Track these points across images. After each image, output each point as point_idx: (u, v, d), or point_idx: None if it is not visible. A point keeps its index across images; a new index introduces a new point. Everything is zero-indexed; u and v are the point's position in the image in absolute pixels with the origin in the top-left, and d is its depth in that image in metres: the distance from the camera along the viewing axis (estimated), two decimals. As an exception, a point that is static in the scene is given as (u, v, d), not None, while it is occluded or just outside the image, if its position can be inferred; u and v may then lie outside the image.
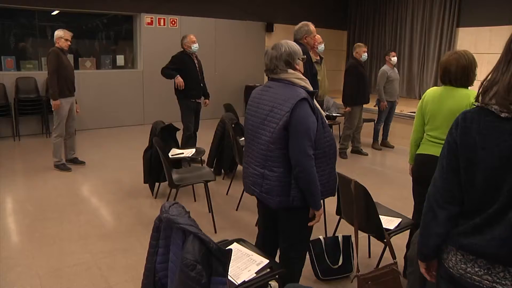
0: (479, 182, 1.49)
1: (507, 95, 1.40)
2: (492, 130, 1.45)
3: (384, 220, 3.04)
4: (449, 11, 10.15)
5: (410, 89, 11.07)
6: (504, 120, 1.43)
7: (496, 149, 1.44)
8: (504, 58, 1.47)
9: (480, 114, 1.49)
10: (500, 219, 1.45)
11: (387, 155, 7.51)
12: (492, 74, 1.49)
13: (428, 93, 3.03)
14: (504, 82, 1.42)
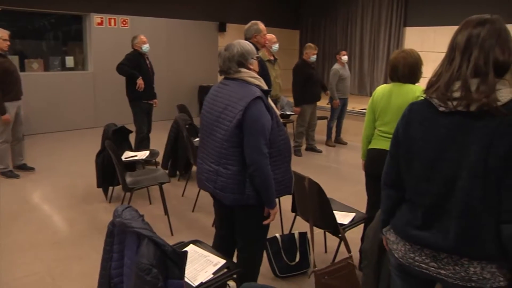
0: (416, 172, 1.60)
1: (446, 91, 1.49)
2: (431, 122, 1.56)
3: (338, 215, 3.10)
4: (396, 11, 10.54)
5: (361, 87, 11.37)
6: (442, 114, 1.52)
7: (433, 140, 1.54)
8: (448, 57, 1.56)
9: (423, 106, 1.60)
10: (440, 211, 1.54)
11: (341, 151, 7.68)
12: (437, 71, 1.58)
13: (378, 90, 3.13)
14: (445, 78, 1.51)
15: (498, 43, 1.47)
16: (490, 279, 1.50)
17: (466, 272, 1.51)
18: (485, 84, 1.43)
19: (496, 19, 1.51)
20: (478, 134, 1.45)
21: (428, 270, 1.60)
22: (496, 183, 1.44)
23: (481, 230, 1.48)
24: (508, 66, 1.49)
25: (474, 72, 1.47)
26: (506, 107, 1.42)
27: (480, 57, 1.46)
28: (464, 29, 1.53)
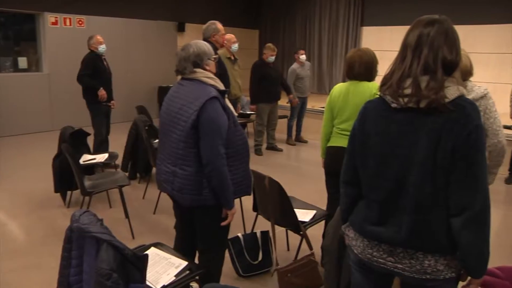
0: (371, 168, 1.66)
1: (398, 88, 1.55)
2: (384, 119, 1.61)
3: (299, 213, 3.15)
4: (353, 11, 10.77)
5: (320, 85, 11.53)
6: (394, 111, 1.58)
7: (386, 137, 1.59)
8: (401, 55, 1.61)
9: (378, 104, 1.65)
10: (394, 207, 1.60)
11: (301, 149, 7.77)
12: (391, 68, 1.63)
13: (335, 89, 3.19)
14: (397, 76, 1.56)
15: (446, 43, 1.53)
16: (443, 270, 1.57)
17: (421, 265, 1.57)
18: (434, 82, 1.49)
19: (444, 19, 1.57)
20: (427, 130, 1.51)
21: (385, 265, 1.65)
22: (444, 178, 1.51)
23: (432, 224, 1.54)
24: (456, 65, 1.56)
25: (424, 69, 1.52)
26: (452, 103, 1.49)
27: (430, 56, 1.52)
28: (415, 28, 1.59)
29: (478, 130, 1.48)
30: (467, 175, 1.48)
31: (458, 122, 1.47)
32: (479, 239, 1.51)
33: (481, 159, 1.49)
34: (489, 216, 1.52)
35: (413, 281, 1.62)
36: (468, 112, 1.49)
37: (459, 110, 1.48)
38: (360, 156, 1.71)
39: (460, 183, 1.49)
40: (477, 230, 1.50)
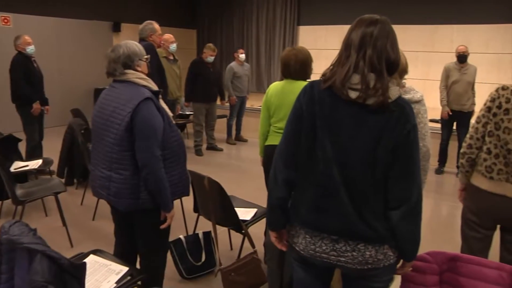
0: (315, 149, 1.65)
1: (342, 87, 1.57)
2: (331, 107, 1.62)
3: (240, 212, 3.17)
4: (290, 11, 10.99)
5: (259, 84, 11.64)
6: (341, 101, 1.60)
7: (331, 124, 1.61)
8: (344, 54, 1.63)
9: (324, 91, 1.64)
10: (334, 195, 1.62)
11: (242, 148, 7.83)
12: (334, 67, 1.64)
13: (272, 87, 3.24)
14: (341, 74, 1.58)
15: (388, 43, 1.58)
16: (383, 259, 1.65)
17: (363, 257, 1.64)
18: (381, 82, 1.54)
19: (385, 20, 1.63)
20: (370, 127, 1.56)
21: (329, 259, 1.69)
22: (382, 173, 1.58)
23: (372, 215, 1.61)
24: (397, 65, 1.62)
25: (370, 69, 1.56)
26: (394, 103, 1.56)
27: (374, 56, 1.56)
28: (357, 28, 1.61)
29: (415, 129, 1.58)
30: (405, 171, 1.58)
31: (399, 121, 1.55)
32: (414, 228, 1.63)
33: (416, 156, 1.60)
34: (422, 207, 1.63)
35: (355, 272, 1.69)
36: (407, 112, 1.57)
37: (399, 110, 1.56)
38: (306, 138, 1.67)
39: (399, 178, 1.58)
40: (413, 220, 1.62)
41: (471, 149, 2.41)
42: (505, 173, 2.31)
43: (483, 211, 2.42)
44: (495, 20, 8.71)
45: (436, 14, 9.19)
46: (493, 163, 2.33)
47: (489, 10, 8.72)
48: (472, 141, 2.40)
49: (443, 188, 6.16)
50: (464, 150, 2.45)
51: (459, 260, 1.95)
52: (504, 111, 2.26)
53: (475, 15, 8.82)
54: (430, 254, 1.96)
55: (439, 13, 9.16)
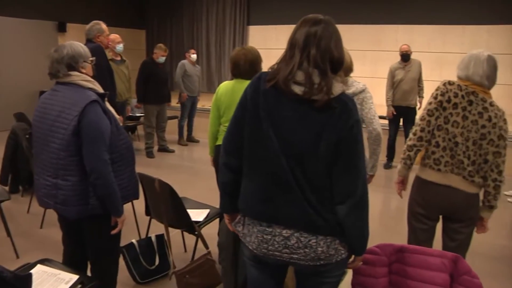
0: (261, 140, 1.66)
1: (285, 86, 1.59)
2: (275, 100, 1.64)
3: (193, 213, 3.14)
4: (240, 11, 10.99)
5: (210, 85, 11.58)
6: (282, 96, 1.62)
7: (274, 116, 1.63)
8: (288, 53, 1.65)
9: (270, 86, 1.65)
10: (281, 186, 1.64)
11: (194, 149, 7.78)
12: (278, 65, 1.66)
13: (221, 87, 3.24)
14: (285, 72, 1.60)
15: (332, 42, 1.61)
16: (335, 254, 1.68)
17: (315, 253, 1.66)
18: (325, 80, 1.57)
19: (329, 19, 1.66)
20: (312, 122, 1.59)
21: (281, 257, 1.71)
22: (328, 167, 1.60)
23: (319, 207, 1.63)
24: (341, 63, 1.65)
25: (314, 67, 1.59)
26: (336, 99, 1.58)
27: (318, 55, 1.59)
28: (302, 27, 1.64)
29: (358, 124, 1.61)
30: (349, 165, 1.61)
31: (341, 117, 1.58)
32: (361, 222, 1.66)
33: (360, 150, 1.63)
34: (368, 200, 1.67)
35: (308, 268, 1.71)
36: (350, 108, 1.60)
37: (342, 106, 1.59)
38: (250, 127, 1.69)
39: (343, 172, 1.61)
40: (359, 214, 1.65)
41: (421, 142, 2.46)
42: (451, 165, 2.42)
43: (430, 203, 2.52)
44: (436, 21, 9.17)
45: (382, 14, 9.51)
46: (441, 156, 2.44)
47: (431, 11, 9.15)
48: (424, 133, 2.44)
49: (391, 183, 6.34)
50: (414, 142, 2.48)
51: (406, 251, 2.03)
52: (453, 105, 2.37)
53: (418, 16, 9.24)
54: (379, 247, 2.03)
55: (384, 14, 9.50)
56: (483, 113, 2.38)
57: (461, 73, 2.47)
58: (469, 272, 1.93)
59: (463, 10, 8.92)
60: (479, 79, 2.40)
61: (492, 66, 2.43)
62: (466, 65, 2.45)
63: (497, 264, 3.79)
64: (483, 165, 2.44)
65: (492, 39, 8.88)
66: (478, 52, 2.46)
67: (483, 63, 2.40)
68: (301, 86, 1.58)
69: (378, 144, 2.92)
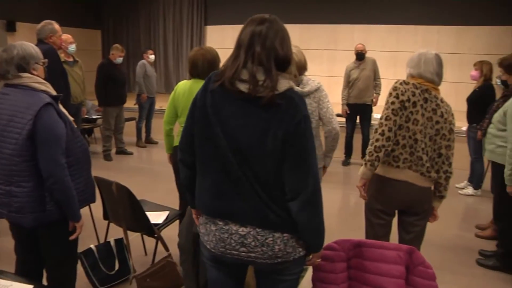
0: (211, 137, 1.67)
1: (231, 84, 1.61)
2: (220, 94, 1.65)
3: (152, 215, 3.11)
4: (197, 11, 10.95)
5: (168, 85, 11.45)
6: (232, 95, 1.63)
7: (222, 114, 1.64)
8: (235, 53, 1.66)
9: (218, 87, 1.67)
10: (236, 180, 1.65)
11: (153, 151, 7.69)
12: (224, 65, 1.67)
13: (179, 86, 3.22)
14: (230, 71, 1.62)
15: (277, 40, 1.62)
16: (292, 252, 1.69)
17: (273, 251, 1.66)
18: (270, 78, 1.58)
19: (274, 18, 1.67)
20: (258, 118, 1.59)
21: (239, 256, 1.71)
22: (276, 164, 1.61)
23: (276, 203, 1.64)
24: (288, 61, 1.67)
25: (258, 66, 1.60)
26: (282, 95, 1.59)
27: (263, 53, 1.60)
28: (247, 27, 1.65)
29: (306, 119, 1.61)
30: (299, 161, 1.61)
31: (288, 112, 1.58)
32: (315, 218, 1.66)
33: (310, 146, 1.63)
34: (321, 196, 1.68)
35: (266, 266, 1.72)
36: (296, 103, 1.60)
37: (288, 102, 1.59)
38: (199, 125, 1.71)
39: (293, 169, 1.61)
40: (312, 210, 1.64)
41: (389, 142, 2.48)
42: (409, 162, 2.50)
43: (389, 199, 2.58)
44: (391, 21, 9.47)
45: (338, 14, 9.72)
46: (400, 153, 2.50)
47: (385, 12, 9.43)
48: (391, 133, 2.47)
49: (350, 179, 6.50)
50: (383, 143, 2.47)
51: (363, 246, 2.08)
52: (413, 104, 2.45)
53: (373, 16, 9.49)
54: (337, 243, 2.07)
55: (341, 14, 9.70)
56: (436, 110, 2.48)
57: (413, 71, 2.55)
58: (423, 263, 2.00)
59: (416, 11, 9.26)
60: (430, 76, 2.49)
61: (439, 64, 2.53)
62: (416, 63, 2.53)
63: (450, 253, 3.95)
64: (438, 159, 2.55)
65: (442, 38, 9.25)
66: (426, 51, 2.56)
67: (432, 61, 2.50)
68: (246, 83, 1.59)
69: (336, 142, 2.99)
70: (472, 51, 8.86)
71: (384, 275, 2.02)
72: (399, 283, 2.00)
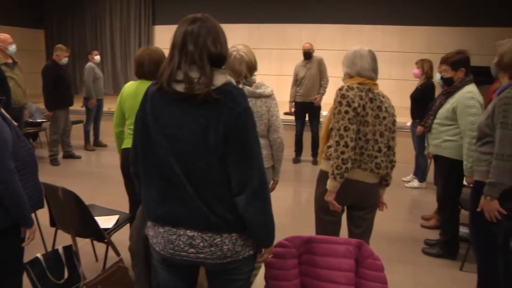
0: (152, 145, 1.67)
1: (168, 86, 1.61)
2: (159, 98, 1.65)
3: (101, 220, 3.04)
4: (144, 10, 10.79)
5: (116, 86, 11.20)
6: (170, 97, 1.63)
7: (162, 118, 1.64)
8: (170, 54, 1.66)
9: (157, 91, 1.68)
10: (176, 186, 1.64)
11: (102, 154, 7.50)
12: (162, 67, 1.66)
13: (126, 88, 3.17)
14: (167, 73, 1.61)
15: (209, 38, 1.63)
16: (241, 251, 1.70)
17: (222, 251, 1.66)
18: (204, 74, 1.58)
19: (207, 17, 1.68)
20: (197, 115, 1.59)
21: (188, 257, 1.69)
22: (222, 160, 1.60)
23: (217, 202, 1.64)
24: (223, 57, 1.67)
25: (192, 64, 1.60)
26: (219, 90, 1.60)
27: (195, 52, 1.60)
28: (180, 27, 1.66)
29: (246, 112, 1.61)
30: (242, 154, 1.60)
31: (227, 106, 1.58)
32: (263, 212, 1.66)
33: (253, 138, 1.63)
34: (268, 190, 1.69)
35: (216, 267, 1.72)
36: (235, 96, 1.60)
37: (226, 95, 1.59)
38: (140, 135, 1.71)
39: (238, 162, 1.60)
40: (260, 203, 1.64)
41: (354, 150, 2.52)
42: (358, 161, 2.56)
43: (338, 196, 2.61)
44: (338, 20, 9.71)
45: (287, 14, 9.86)
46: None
47: (332, 12, 9.66)
48: (354, 143, 2.49)
49: (301, 176, 6.61)
50: (349, 154, 2.47)
51: (313, 242, 2.12)
52: (362, 107, 2.50)
53: (321, 15, 9.69)
54: (288, 240, 2.10)
55: (289, 13, 9.84)
56: (381, 106, 2.56)
57: (350, 70, 2.62)
58: (372, 255, 2.07)
59: (362, 11, 9.55)
60: (367, 73, 2.56)
61: (373, 59, 2.60)
62: (352, 61, 2.60)
63: (398, 244, 4.10)
64: (388, 152, 2.64)
65: (386, 38, 9.59)
66: (359, 48, 2.62)
67: (366, 57, 2.57)
68: (182, 84, 1.59)
69: (281, 150, 3.03)
70: (414, 49, 9.24)
71: (334, 269, 2.07)
72: (349, 276, 2.06)
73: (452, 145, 3.53)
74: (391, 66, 9.45)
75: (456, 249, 3.76)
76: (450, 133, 3.56)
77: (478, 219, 2.63)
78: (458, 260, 3.69)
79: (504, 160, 2.43)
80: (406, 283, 3.37)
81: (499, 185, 2.46)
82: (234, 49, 2.85)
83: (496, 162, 2.45)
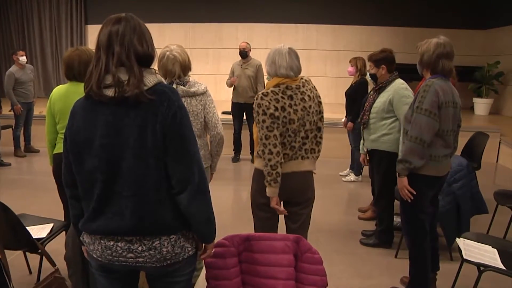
0: (83, 162, 1.63)
1: (98, 89, 1.57)
2: (91, 112, 1.62)
3: (34, 230, 2.91)
4: (76, 9, 10.48)
5: (47, 88, 10.75)
6: (100, 104, 1.59)
7: (94, 129, 1.59)
8: (96, 55, 1.62)
9: (85, 101, 1.65)
10: (110, 195, 1.61)
11: (34, 160, 7.17)
12: (89, 70, 1.61)
13: (55, 92, 3.04)
14: (95, 77, 1.57)
15: (135, 37, 1.60)
16: (181, 252, 1.69)
17: (161, 254, 1.64)
18: (133, 76, 1.55)
19: (131, 16, 1.66)
20: (133, 118, 1.56)
21: (127, 262, 1.66)
22: (161, 160, 1.59)
23: (157, 205, 1.62)
24: (151, 57, 1.65)
25: (119, 66, 1.57)
26: (152, 90, 1.58)
27: (122, 52, 1.57)
28: (104, 28, 1.62)
29: (181, 109, 1.62)
30: (180, 152, 1.60)
31: (162, 105, 1.57)
32: (205, 207, 1.67)
33: (190, 135, 1.64)
34: (208, 185, 1.69)
35: (156, 270, 1.69)
36: (169, 95, 1.60)
37: (160, 95, 1.59)
38: (73, 153, 1.65)
39: (177, 160, 1.60)
40: (202, 199, 1.65)
41: (280, 155, 2.54)
42: (291, 155, 2.61)
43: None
44: (273, 20, 9.86)
45: (223, 13, 9.88)
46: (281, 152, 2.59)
47: (268, 11, 9.82)
48: (278, 147, 2.53)
49: (240, 175, 6.65)
50: (277, 159, 2.51)
51: (252, 239, 2.14)
52: (281, 109, 2.53)
53: (257, 15, 9.79)
54: (227, 239, 2.11)
55: (225, 13, 9.88)
56: (304, 97, 2.62)
57: (270, 70, 2.68)
58: (310, 249, 2.12)
59: (296, 11, 9.76)
60: (285, 71, 2.61)
61: (294, 57, 2.65)
62: (272, 60, 2.66)
63: (337, 236, 4.24)
64: (318, 133, 2.73)
65: (320, 36, 9.86)
66: (280, 47, 2.68)
67: (285, 56, 2.62)
68: (111, 88, 1.56)
69: (221, 146, 3.05)
70: (348, 48, 9.57)
71: (274, 265, 2.10)
72: (289, 271, 2.10)
73: (389, 139, 3.74)
74: (326, 64, 9.73)
75: (391, 237, 3.96)
76: (387, 127, 3.74)
77: (407, 207, 2.89)
78: (393, 248, 3.89)
79: (412, 142, 2.71)
80: (345, 273, 3.49)
81: (405, 162, 2.74)
82: (167, 49, 2.82)
83: (407, 142, 2.73)
